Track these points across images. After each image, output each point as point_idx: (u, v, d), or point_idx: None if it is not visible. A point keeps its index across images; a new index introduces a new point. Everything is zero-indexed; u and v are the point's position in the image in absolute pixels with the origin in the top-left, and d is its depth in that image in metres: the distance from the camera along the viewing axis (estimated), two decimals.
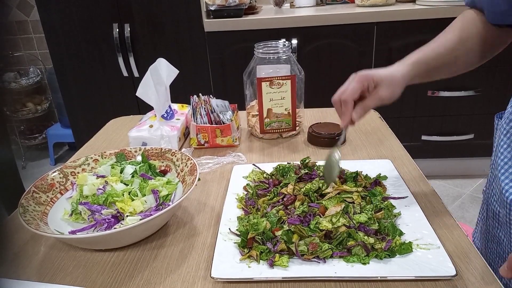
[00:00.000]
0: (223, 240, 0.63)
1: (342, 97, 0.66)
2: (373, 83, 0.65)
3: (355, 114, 0.66)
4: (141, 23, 2.02)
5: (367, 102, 0.66)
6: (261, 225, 0.62)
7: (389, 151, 0.92)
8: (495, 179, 0.68)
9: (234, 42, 2.00)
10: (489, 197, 0.70)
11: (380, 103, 0.66)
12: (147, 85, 0.92)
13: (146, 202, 0.70)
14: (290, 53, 0.98)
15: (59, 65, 2.14)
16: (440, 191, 2.20)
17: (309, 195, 0.69)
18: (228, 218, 0.68)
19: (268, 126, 1.01)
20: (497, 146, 0.67)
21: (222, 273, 0.56)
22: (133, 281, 0.59)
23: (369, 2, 2.03)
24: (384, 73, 0.66)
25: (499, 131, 0.68)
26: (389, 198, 0.71)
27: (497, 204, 0.67)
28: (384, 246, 0.58)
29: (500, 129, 0.68)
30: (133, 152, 0.82)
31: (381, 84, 0.65)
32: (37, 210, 0.68)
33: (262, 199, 0.71)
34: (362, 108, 0.66)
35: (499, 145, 0.67)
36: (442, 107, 2.09)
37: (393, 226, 0.62)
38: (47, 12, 2.03)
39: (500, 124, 0.69)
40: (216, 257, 0.59)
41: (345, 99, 0.65)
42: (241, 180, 0.81)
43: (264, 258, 0.59)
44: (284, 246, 0.59)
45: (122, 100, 2.18)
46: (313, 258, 0.58)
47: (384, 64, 0.68)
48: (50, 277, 0.61)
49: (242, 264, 0.58)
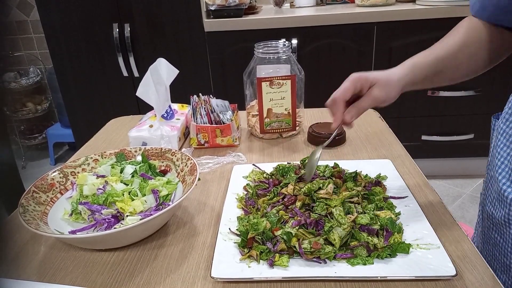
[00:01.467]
0: (223, 240, 0.63)
1: (333, 97, 0.65)
2: (367, 84, 0.64)
3: (347, 115, 0.65)
4: (141, 23, 2.02)
5: (361, 103, 0.65)
6: (261, 225, 0.62)
7: (389, 151, 0.92)
8: (491, 180, 0.68)
9: (234, 42, 2.00)
10: (485, 198, 0.70)
11: (375, 104, 0.65)
12: (147, 85, 0.92)
13: (146, 202, 0.70)
14: (290, 53, 0.98)
15: (59, 65, 2.14)
16: (440, 191, 2.20)
17: (310, 195, 0.69)
18: (228, 218, 0.68)
19: (268, 126, 1.01)
20: (494, 146, 0.67)
21: (222, 273, 0.56)
22: (133, 281, 0.59)
23: (369, 2, 2.03)
24: (380, 74, 0.65)
25: (496, 131, 0.68)
26: (389, 198, 0.71)
27: (492, 206, 0.67)
28: (383, 240, 0.59)
29: (497, 129, 0.68)
30: (133, 152, 0.82)
31: (376, 84, 0.64)
32: (37, 210, 0.68)
33: (262, 199, 0.71)
34: (356, 108, 0.65)
35: (496, 145, 0.66)
36: (442, 107, 2.09)
37: (392, 222, 0.62)
38: (47, 12, 2.03)
39: (497, 124, 0.68)
40: (216, 257, 0.59)
41: (335, 98, 0.65)
42: (241, 180, 0.81)
43: (264, 258, 0.59)
44: (284, 246, 0.59)
45: (122, 100, 2.18)
46: (313, 258, 0.58)
47: (384, 64, 0.68)
48: (50, 277, 0.61)
49: (242, 264, 0.58)
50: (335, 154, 0.93)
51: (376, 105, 0.65)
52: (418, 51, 0.70)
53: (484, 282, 0.54)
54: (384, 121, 1.09)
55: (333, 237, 0.59)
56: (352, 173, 0.76)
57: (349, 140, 0.99)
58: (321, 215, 0.63)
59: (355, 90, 0.64)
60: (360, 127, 1.06)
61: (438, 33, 0.72)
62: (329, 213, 0.64)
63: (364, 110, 0.66)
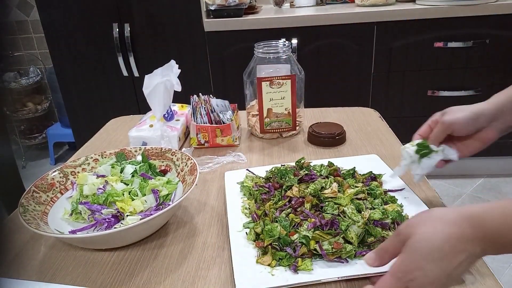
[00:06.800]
0: (238, 252, 0.61)
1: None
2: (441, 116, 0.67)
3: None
4: (141, 23, 2.02)
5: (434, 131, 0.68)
6: (276, 231, 0.61)
7: (389, 151, 0.92)
8: None
9: (234, 42, 2.00)
10: None
11: (446, 131, 0.67)
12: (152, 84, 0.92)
13: (146, 202, 0.70)
14: (290, 52, 0.98)
15: (59, 65, 2.14)
16: (440, 191, 2.20)
17: (317, 195, 0.68)
18: (236, 229, 0.66)
19: (268, 126, 1.01)
20: None
21: (248, 284, 0.54)
22: (133, 281, 0.59)
23: (369, 2, 2.03)
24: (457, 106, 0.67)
25: None
26: (388, 191, 0.72)
27: None
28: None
29: None
30: (133, 151, 0.82)
31: (446, 111, 0.67)
32: (37, 210, 0.68)
33: (268, 204, 0.69)
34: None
35: None
36: (442, 107, 2.07)
37: (400, 215, 0.63)
38: (47, 12, 2.03)
39: None
40: (236, 268, 0.57)
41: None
42: (236, 186, 0.79)
43: (284, 264, 0.58)
44: (305, 250, 0.59)
45: (122, 100, 2.18)
46: (335, 258, 0.58)
47: (384, 64, 0.68)
48: (50, 277, 0.61)
49: (265, 273, 0.57)
50: (335, 154, 0.93)
51: (447, 132, 0.67)
52: (418, 51, 0.70)
53: (481, 276, 0.54)
54: (384, 121, 1.09)
55: (350, 236, 0.59)
56: (350, 170, 0.76)
57: (349, 140, 0.99)
58: (334, 214, 0.63)
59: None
60: (360, 127, 1.06)
61: (438, 33, 0.73)
62: (341, 212, 0.64)
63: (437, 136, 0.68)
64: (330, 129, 0.98)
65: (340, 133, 0.97)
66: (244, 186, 0.77)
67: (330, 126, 1.00)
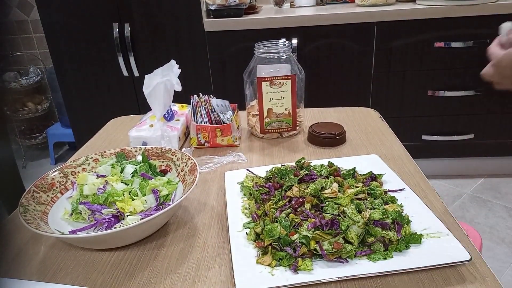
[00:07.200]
0: (238, 252, 0.61)
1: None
2: None
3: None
4: (141, 23, 2.02)
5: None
6: (276, 231, 0.61)
7: (389, 151, 0.92)
8: None
9: (234, 42, 2.00)
10: None
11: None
12: (152, 84, 0.92)
13: (147, 202, 0.70)
14: (290, 52, 0.98)
15: (59, 65, 2.14)
16: (440, 191, 2.20)
17: (318, 195, 0.68)
18: (236, 229, 0.66)
19: (268, 126, 1.01)
20: None
21: (248, 284, 0.54)
22: (133, 281, 0.59)
23: (369, 2, 2.03)
24: None
25: None
26: (388, 191, 0.72)
27: None
28: (396, 233, 0.60)
29: None
30: (133, 151, 0.82)
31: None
32: (38, 210, 0.68)
33: (268, 204, 0.69)
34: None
35: None
36: (442, 107, 2.09)
37: (400, 215, 0.63)
38: (47, 12, 2.03)
39: None
40: (236, 268, 0.57)
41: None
42: (237, 186, 0.79)
43: (285, 264, 0.58)
44: (305, 250, 0.59)
45: (122, 100, 2.18)
46: (335, 258, 0.58)
47: (384, 64, 0.68)
48: (50, 277, 0.61)
49: (265, 273, 0.57)
50: (335, 154, 0.93)
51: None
52: (418, 51, 0.70)
53: (483, 277, 0.54)
54: (384, 121, 1.09)
55: (350, 236, 0.59)
56: (350, 170, 0.77)
57: (349, 140, 0.99)
58: (335, 214, 0.63)
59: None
60: (360, 127, 1.06)
61: (438, 33, 0.73)
62: (341, 212, 0.64)
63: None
64: (330, 129, 0.98)
65: (340, 133, 0.97)
66: (244, 186, 0.77)
67: (330, 126, 1.00)
